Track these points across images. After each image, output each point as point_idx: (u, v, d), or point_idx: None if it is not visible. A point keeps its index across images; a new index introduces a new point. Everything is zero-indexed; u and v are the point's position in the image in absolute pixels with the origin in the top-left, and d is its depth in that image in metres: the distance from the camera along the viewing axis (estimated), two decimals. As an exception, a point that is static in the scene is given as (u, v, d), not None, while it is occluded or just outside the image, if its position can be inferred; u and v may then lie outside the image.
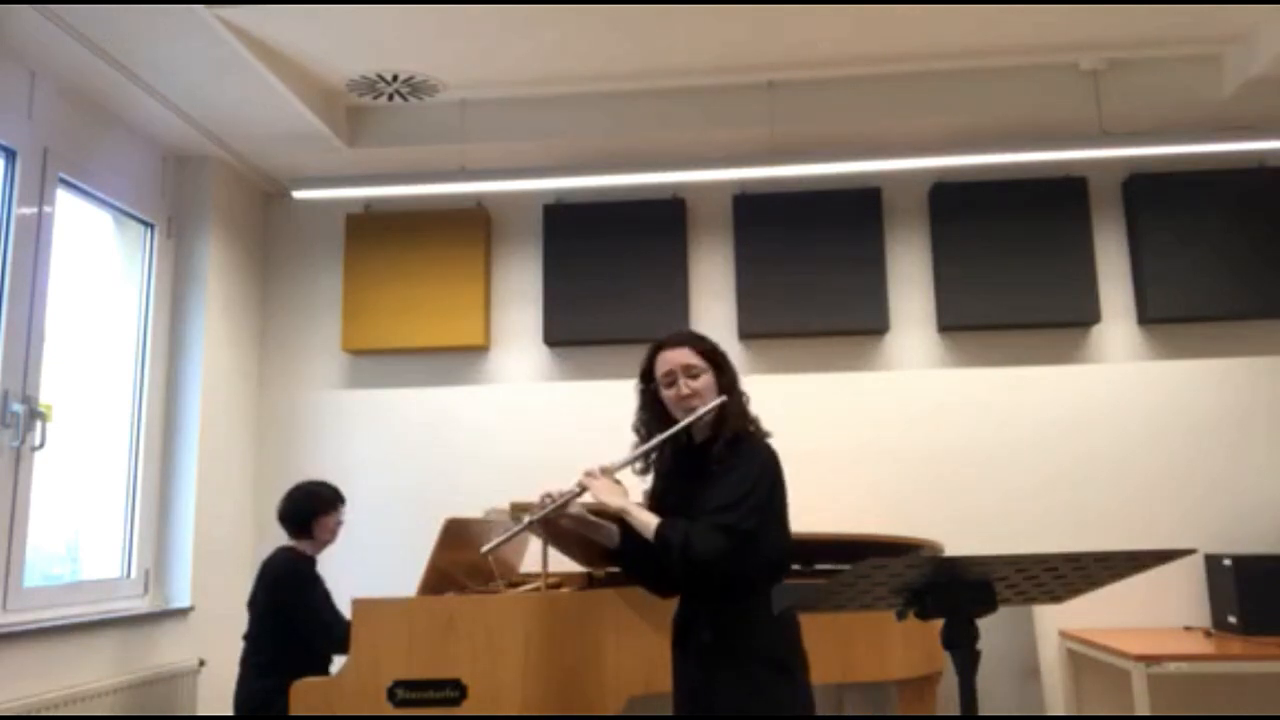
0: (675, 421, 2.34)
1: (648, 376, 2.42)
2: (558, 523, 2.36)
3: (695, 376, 2.33)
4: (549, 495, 2.30)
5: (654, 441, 2.35)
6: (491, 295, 4.77)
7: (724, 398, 2.32)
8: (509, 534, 2.38)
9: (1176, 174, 4.42)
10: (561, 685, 3.00)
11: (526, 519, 2.33)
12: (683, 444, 2.38)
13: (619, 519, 2.35)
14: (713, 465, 2.29)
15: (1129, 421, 4.39)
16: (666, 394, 2.35)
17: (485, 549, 2.43)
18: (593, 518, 2.38)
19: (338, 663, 3.55)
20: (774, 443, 2.38)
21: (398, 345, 4.69)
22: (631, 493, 2.42)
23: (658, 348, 2.41)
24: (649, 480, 2.48)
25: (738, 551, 2.16)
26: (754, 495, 2.22)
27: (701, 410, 2.30)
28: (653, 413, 2.40)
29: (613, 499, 2.27)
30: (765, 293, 4.52)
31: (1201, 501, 4.30)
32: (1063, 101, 4.14)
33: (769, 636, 2.23)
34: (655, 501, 2.40)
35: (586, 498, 2.31)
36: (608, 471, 2.32)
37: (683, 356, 2.35)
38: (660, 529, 2.20)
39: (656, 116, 4.29)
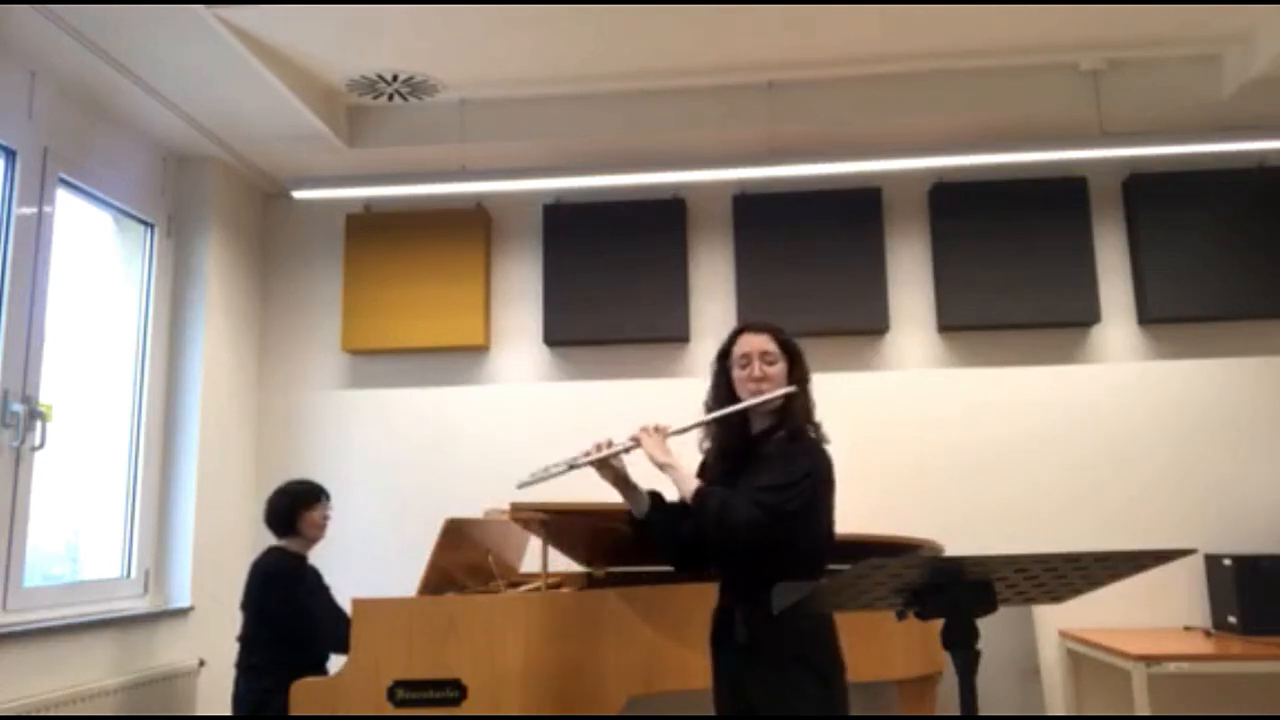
0: (739, 400, 2.41)
1: (724, 356, 2.49)
2: (601, 473, 2.43)
3: (771, 364, 2.40)
4: (601, 444, 2.40)
5: (714, 415, 2.42)
6: (491, 295, 4.77)
7: (793, 387, 2.39)
8: (552, 473, 2.42)
9: (1176, 174, 4.42)
10: (561, 685, 3.00)
11: (576, 459, 2.40)
12: (740, 430, 2.44)
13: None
14: (767, 452, 2.36)
15: (1129, 421, 4.39)
16: (738, 375, 2.42)
17: (522, 483, 2.46)
18: (631, 479, 2.46)
19: (335, 662, 3.55)
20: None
21: (398, 345, 4.69)
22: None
23: (740, 330, 2.48)
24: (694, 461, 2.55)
25: (771, 530, 2.20)
26: (801, 485, 2.28)
27: (767, 395, 2.37)
28: (723, 391, 2.47)
29: (661, 455, 2.36)
30: (765, 293, 4.52)
31: (1201, 501, 4.29)
32: (1063, 101, 4.14)
33: (803, 638, 2.27)
34: (702, 478, 2.44)
35: (637, 454, 2.39)
36: (662, 432, 2.40)
37: (762, 342, 2.42)
38: (700, 490, 2.29)
39: (656, 116, 4.29)
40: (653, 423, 2.42)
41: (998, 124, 4.23)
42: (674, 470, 2.35)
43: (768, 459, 2.34)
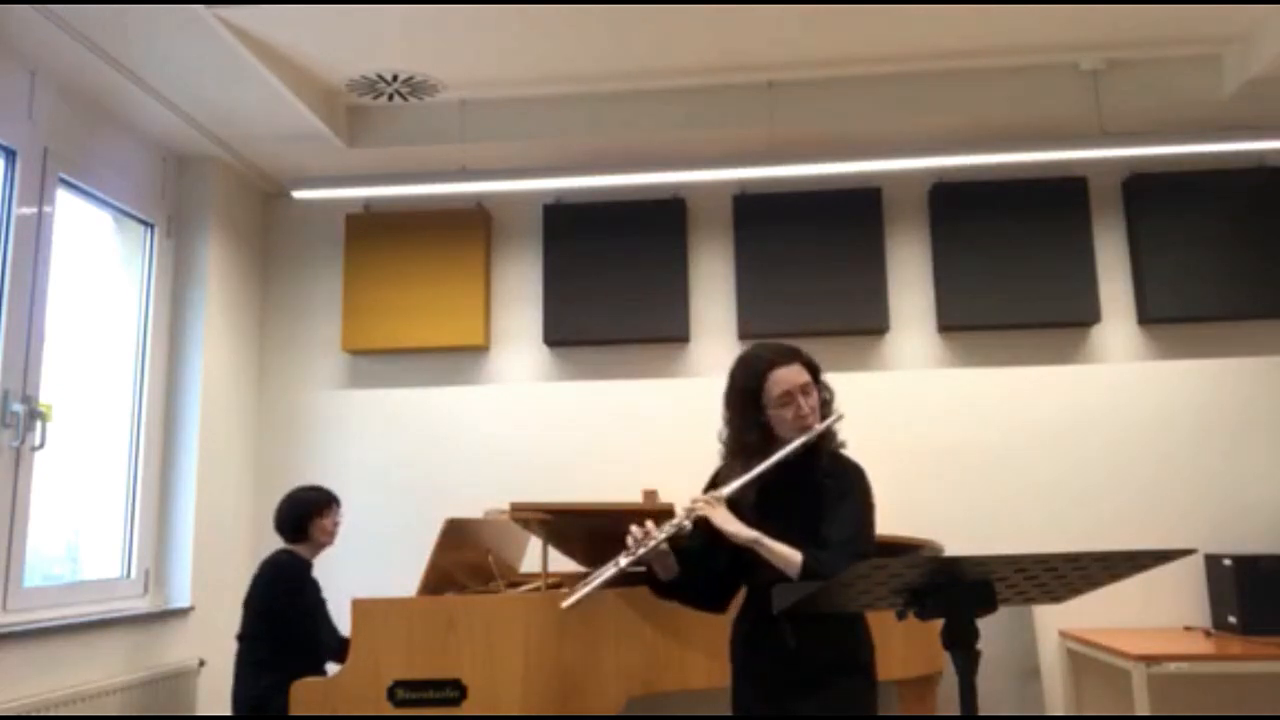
0: (779, 438, 2.27)
1: (752, 395, 2.29)
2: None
3: (808, 394, 2.28)
4: (647, 529, 2.19)
5: (772, 461, 2.23)
6: (491, 295, 4.77)
7: (840, 414, 2.32)
8: (599, 581, 2.16)
9: (1176, 174, 4.42)
10: (561, 685, 3.00)
11: (624, 560, 2.17)
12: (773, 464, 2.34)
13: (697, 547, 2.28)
14: (821, 481, 2.27)
15: (1129, 421, 4.39)
16: (781, 414, 2.26)
17: (568, 603, 2.19)
18: (667, 549, 2.26)
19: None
20: None
21: (398, 345, 4.69)
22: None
23: (767, 366, 2.28)
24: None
25: None
26: (870, 518, 2.28)
27: (819, 428, 2.26)
28: (757, 432, 2.29)
29: (742, 530, 2.19)
30: (765, 293, 4.52)
31: (1201, 501, 4.29)
32: (1063, 101, 4.14)
33: (848, 640, 2.26)
34: (744, 512, 2.28)
35: (686, 524, 2.23)
36: (720, 500, 2.23)
37: (797, 374, 2.27)
38: (807, 563, 2.15)
39: (657, 116, 4.29)
40: (702, 494, 2.25)
41: (998, 124, 4.23)
42: (764, 545, 2.17)
43: (816, 487, 2.27)
